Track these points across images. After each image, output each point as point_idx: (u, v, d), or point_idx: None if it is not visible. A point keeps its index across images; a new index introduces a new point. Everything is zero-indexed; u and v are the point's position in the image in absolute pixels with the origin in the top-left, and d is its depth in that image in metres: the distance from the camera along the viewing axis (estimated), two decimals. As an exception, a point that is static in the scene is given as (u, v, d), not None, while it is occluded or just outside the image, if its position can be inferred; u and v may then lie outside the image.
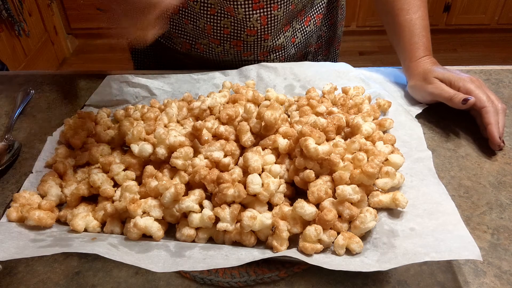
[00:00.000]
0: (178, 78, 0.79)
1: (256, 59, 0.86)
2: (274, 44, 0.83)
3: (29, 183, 0.60)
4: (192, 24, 0.81)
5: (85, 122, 0.67)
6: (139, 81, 0.78)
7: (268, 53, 0.85)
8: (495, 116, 0.63)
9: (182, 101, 0.71)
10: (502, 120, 0.64)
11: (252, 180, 0.51)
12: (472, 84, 0.66)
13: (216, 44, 0.82)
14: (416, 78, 0.72)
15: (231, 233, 0.50)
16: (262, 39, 0.81)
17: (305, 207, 0.48)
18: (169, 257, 0.47)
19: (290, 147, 0.57)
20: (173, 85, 0.78)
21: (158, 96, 0.77)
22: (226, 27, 0.79)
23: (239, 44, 0.82)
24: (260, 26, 0.78)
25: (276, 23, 0.79)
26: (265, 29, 0.79)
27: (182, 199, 0.50)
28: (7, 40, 2.20)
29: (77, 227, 0.51)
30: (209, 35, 0.81)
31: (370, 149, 0.56)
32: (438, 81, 0.68)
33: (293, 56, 0.89)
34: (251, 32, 0.79)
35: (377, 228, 0.50)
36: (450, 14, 2.71)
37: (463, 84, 0.66)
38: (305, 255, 0.47)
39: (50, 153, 0.65)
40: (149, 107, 0.69)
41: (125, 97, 0.77)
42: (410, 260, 0.44)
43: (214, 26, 0.80)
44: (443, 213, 0.49)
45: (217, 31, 0.80)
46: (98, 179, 0.54)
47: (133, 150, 0.57)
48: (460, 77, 0.67)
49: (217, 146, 0.57)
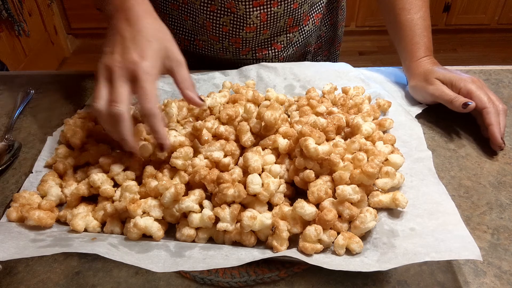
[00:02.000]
0: None
1: (254, 57, 0.86)
2: (272, 41, 0.83)
3: (29, 183, 0.60)
4: (192, 21, 0.81)
5: (85, 122, 0.67)
6: None
7: (266, 50, 0.84)
8: (496, 117, 0.63)
9: (182, 101, 0.71)
10: (503, 121, 0.64)
11: (252, 180, 0.51)
12: (473, 85, 0.66)
13: (215, 41, 0.83)
14: (417, 79, 0.72)
15: (231, 233, 0.50)
16: (261, 34, 0.81)
17: (305, 207, 0.48)
18: (169, 257, 0.47)
19: (290, 147, 0.57)
20: (173, 85, 0.78)
21: (157, 96, 0.77)
22: (225, 25, 0.79)
23: (238, 41, 0.82)
24: (259, 22, 0.78)
25: (275, 20, 0.79)
26: (265, 25, 0.79)
27: (182, 199, 0.50)
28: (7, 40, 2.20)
29: (77, 227, 0.51)
30: (209, 31, 0.81)
31: (370, 149, 0.56)
32: (439, 82, 0.68)
33: (292, 55, 0.89)
34: (250, 29, 0.79)
35: (377, 228, 0.50)
36: (450, 14, 2.71)
37: (464, 85, 0.66)
38: (305, 255, 0.47)
39: (50, 153, 0.65)
40: None
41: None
42: (410, 260, 0.44)
43: (213, 23, 0.80)
44: (443, 213, 0.49)
45: (216, 28, 0.80)
46: (98, 179, 0.54)
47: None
48: (461, 77, 0.67)
49: (217, 146, 0.57)
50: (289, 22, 0.81)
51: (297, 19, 0.82)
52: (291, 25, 0.82)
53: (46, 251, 0.46)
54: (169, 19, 0.85)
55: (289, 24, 0.82)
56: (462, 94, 0.66)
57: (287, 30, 0.83)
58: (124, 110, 0.51)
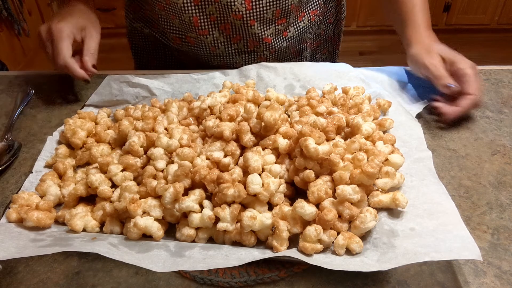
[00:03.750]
0: (178, 78, 0.79)
1: (245, 47, 0.86)
2: (262, 34, 0.83)
3: (29, 183, 0.60)
4: (179, 19, 0.81)
5: (85, 122, 0.67)
6: (139, 81, 0.78)
7: (258, 43, 0.84)
8: (472, 106, 0.67)
9: (182, 101, 0.71)
10: (466, 112, 0.68)
11: (252, 180, 0.51)
12: (472, 70, 0.67)
13: (205, 34, 0.83)
14: (418, 46, 0.72)
15: (231, 233, 0.50)
16: (248, 25, 0.81)
17: (305, 207, 0.48)
18: (169, 257, 0.47)
19: (290, 147, 0.56)
20: (173, 85, 0.78)
21: (158, 96, 0.77)
22: (212, 13, 0.80)
23: (227, 27, 0.82)
24: (245, 10, 0.79)
25: (261, 9, 0.79)
26: (251, 14, 0.79)
27: (182, 199, 0.50)
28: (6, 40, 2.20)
29: (76, 227, 0.51)
30: (197, 27, 0.82)
31: (370, 149, 0.56)
32: (439, 58, 0.69)
33: (286, 51, 0.89)
34: (236, 17, 0.80)
35: (377, 228, 0.50)
36: (450, 14, 2.71)
37: (463, 67, 0.67)
38: (305, 255, 0.47)
39: (50, 153, 0.65)
40: (150, 107, 0.69)
41: (125, 97, 0.77)
42: (410, 260, 0.44)
43: (200, 16, 0.80)
44: (443, 213, 0.49)
45: (204, 20, 0.81)
46: (96, 179, 0.54)
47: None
48: (463, 59, 0.68)
49: (217, 146, 0.57)
50: (277, 14, 0.81)
51: (285, 11, 0.81)
52: (279, 17, 0.82)
53: (46, 250, 0.46)
54: (160, 18, 0.85)
55: (277, 16, 0.82)
56: (458, 75, 0.67)
57: (276, 22, 0.83)
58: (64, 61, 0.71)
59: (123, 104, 0.76)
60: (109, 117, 0.73)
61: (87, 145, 0.64)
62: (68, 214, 0.54)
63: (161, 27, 0.87)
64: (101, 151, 0.61)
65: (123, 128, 0.62)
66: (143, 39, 0.96)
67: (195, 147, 0.58)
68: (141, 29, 0.94)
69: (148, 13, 0.89)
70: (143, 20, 0.92)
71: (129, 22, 0.96)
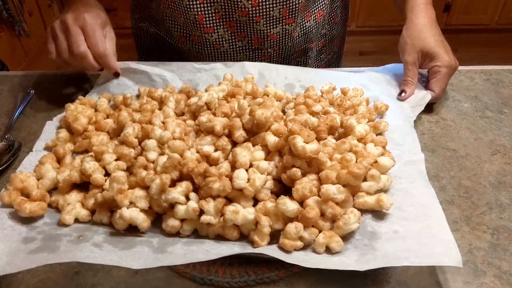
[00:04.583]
0: (179, 65, 0.79)
1: (250, 44, 0.85)
2: (268, 31, 0.83)
3: (28, 161, 0.62)
4: (184, 17, 0.81)
5: (85, 108, 0.69)
6: (139, 67, 0.78)
7: (262, 39, 0.85)
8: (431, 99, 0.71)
9: (180, 94, 0.71)
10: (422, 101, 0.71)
11: (238, 175, 0.51)
12: (446, 70, 0.70)
13: (210, 33, 0.83)
14: (410, 30, 0.74)
15: (214, 226, 0.50)
16: (254, 21, 0.81)
17: (287, 204, 0.48)
18: (151, 253, 0.47)
19: (281, 145, 0.56)
20: (174, 73, 0.78)
21: (157, 83, 0.77)
22: (218, 11, 0.80)
23: (232, 24, 0.82)
24: (251, 7, 0.79)
25: (268, 7, 0.79)
26: (257, 10, 0.80)
27: (169, 190, 0.51)
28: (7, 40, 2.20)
29: (65, 222, 0.52)
30: (202, 25, 0.82)
31: (359, 150, 0.56)
32: (417, 56, 0.72)
33: (290, 49, 0.89)
34: (242, 13, 0.80)
35: (360, 229, 0.49)
36: (450, 14, 2.71)
37: (439, 64, 0.71)
38: (284, 251, 0.47)
39: (50, 135, 0.67)
40: (148, 99, 0.70)
41: (126, 83, 0.77)
42: (388, 263, 0.44)
43: (206, 14, 0.80)
44: (429, 216, 0.48)
45: (209, 18, 0.81)
46: (89, 167, 0.55)
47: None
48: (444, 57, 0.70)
49: (208, 140, 0.57)
50: (284, 13, 0.81)
51: (292, 10, 0.82)
52: (286, 16, 0.82)
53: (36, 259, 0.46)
54: (165, 16, 0.85)
55: (284, 15, 0.82)
56: (432, 71, 0.72)
57: (283, 21, 0.83)
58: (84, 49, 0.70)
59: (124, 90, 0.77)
60: (110, 102, 0.74)
61: (87, 133, 0.65)
62: (61, 199, 0.55)
63: (166, 26, 0.87)
64: (100, 141, 0.62)
65: (121, 119, 0.63)
66: (149, 39, 0.96)
67: (187, 140, 0.58)
68: (146, 29, 0.94)
69: (153, 12, 0.90)
70: (148, 19, 0.93)
71: (135, 22, 0.96)
